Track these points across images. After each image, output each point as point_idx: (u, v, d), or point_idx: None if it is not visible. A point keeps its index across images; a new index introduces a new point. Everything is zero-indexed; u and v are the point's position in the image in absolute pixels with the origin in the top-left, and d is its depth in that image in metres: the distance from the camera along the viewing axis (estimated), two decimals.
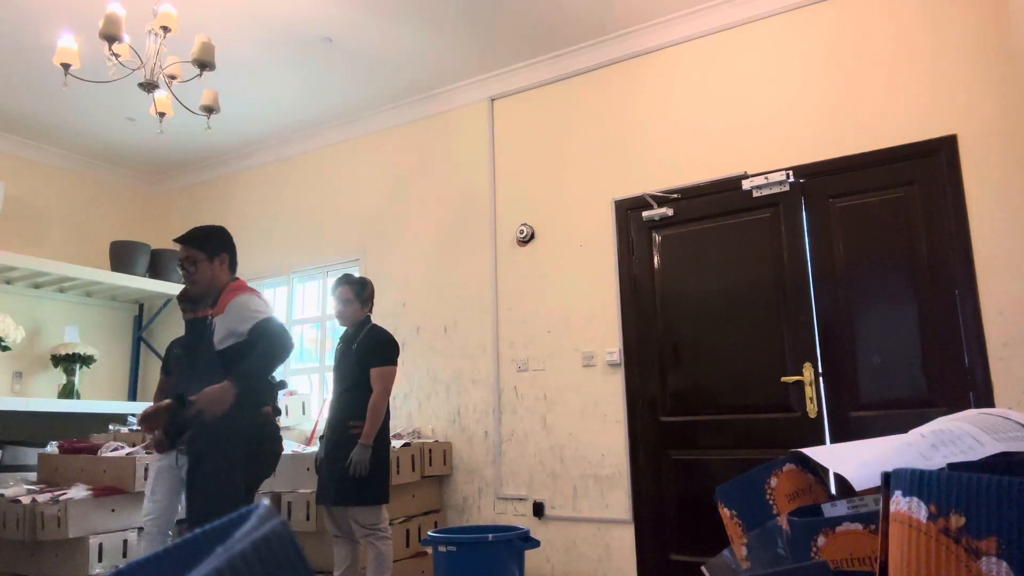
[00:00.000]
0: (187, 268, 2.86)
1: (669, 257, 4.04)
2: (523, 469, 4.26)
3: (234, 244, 2.98)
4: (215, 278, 2.87)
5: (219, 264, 2.88)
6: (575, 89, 4.50)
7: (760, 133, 3.87)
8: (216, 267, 2.87)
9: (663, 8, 4.07)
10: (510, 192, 4.63)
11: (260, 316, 2.72)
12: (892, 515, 0.87)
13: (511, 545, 3.16)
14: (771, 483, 1.40)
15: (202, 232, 2.91)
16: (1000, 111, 3.32)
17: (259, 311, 2.75)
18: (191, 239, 2.87)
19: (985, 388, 3.19)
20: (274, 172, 5.81)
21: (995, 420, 1.12)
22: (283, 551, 0.48)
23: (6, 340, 4.96)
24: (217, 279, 2.88)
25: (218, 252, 2.88)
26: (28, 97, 4.92)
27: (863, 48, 3.67)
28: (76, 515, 3.64)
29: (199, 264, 2.85)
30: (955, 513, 0.78)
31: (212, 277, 2.87)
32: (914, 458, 1.09)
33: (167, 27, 3.27)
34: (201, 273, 2.86)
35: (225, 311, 2.75)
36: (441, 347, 4.69)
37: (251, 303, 2.77)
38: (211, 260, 2.86)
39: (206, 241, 2.87)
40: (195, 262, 2.85)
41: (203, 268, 2.85)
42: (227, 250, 2.92)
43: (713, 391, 3.79)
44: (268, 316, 2.74)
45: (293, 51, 4.41)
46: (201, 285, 2.88)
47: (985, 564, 0.75)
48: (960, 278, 3.30)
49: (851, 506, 1.24)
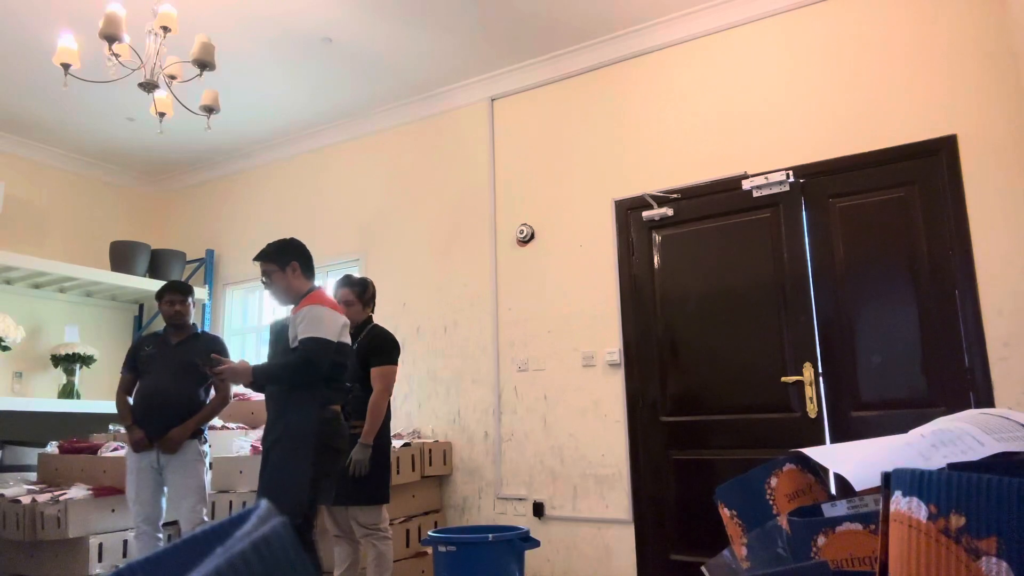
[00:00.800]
0: (265, 282, 3.14)
1: (669, 257, 4.04)
2: (523, 469, 4.26)
3: (304, 251, 3.18)
4: (291, 286, 3.09)
5: (292, 272, 3.09)
6: (575, 89, 4.50)
7: (760, 133, 3.87)
8: (290, 276, 3.09)
9: (663, 8, 4.07)
10: (510, 192, 4.63)
11: (309, 334, 2.89)
12: (892, 515, 0.87)
13: (511, 545, 3.16)
14: (771, 483, 1.40)
15: (271, 246, 3.15)
16: (1000, 111, 3.32)
17: (313, 327, 2.90)
18: (262, 255, 3.13)
19: (985, 388, 3.19)
20: (274, 172, 5.81)
21: (995, 420, 1.12)
22: (283, 551, 0.48)
23: (6, 340, 4.96)
24: (293, 287, 3.10)
25: (288, 262, 3.09)
26: (28, 97, 4.92)
27: (863, 48, 3.67)
28: (76, 515, 3.64)
29: (273, 276, 3.10)
30: (955, 513, 0.78)
31: (288, 286, 3.09)
32: (914, 458, 1.09)
33: (167, 27, 3.27)
34: (277, 284, 3.10)
35: (298, 316, 2.96)
36: (441, 347, 4.69)
37: (312, 316, 2.93)
38: (283, 270, 3.08)
39: (276, 254, 3.11)
40: (269, 275, 3.11)
41: (277, 279, 3.09)
42: (297, 258, 3.12)
43: (713, 391, 3.79)
44: (315, 337, 2.89)
45: (293, 51, 4.41)
46: (280, 295, 3.13)
47: (985, 564, 0.75)
48: (960, 278, 3.30)
49: (851, 506, 1.24)
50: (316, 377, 2.89)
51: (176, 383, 3.58)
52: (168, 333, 3.74)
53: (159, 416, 3.52)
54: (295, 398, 2.89)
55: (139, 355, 3.70)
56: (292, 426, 2.85)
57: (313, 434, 2.84)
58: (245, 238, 5.88)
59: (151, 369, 3.63)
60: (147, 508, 3.49)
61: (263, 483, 2.88)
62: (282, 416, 2.90)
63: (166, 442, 3.50)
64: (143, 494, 3.49)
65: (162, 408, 3.53)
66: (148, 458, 3.52)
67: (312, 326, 2.91)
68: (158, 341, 3.72)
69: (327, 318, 2.96)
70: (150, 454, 3.52)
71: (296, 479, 2.79)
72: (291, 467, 2.81)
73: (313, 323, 2.91)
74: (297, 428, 2.85)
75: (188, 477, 3.54)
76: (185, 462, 3.54)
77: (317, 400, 2.89)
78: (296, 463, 2.81)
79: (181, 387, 3.60)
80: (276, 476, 2.84)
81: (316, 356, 2.87)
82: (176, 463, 3.53)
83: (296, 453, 2.82)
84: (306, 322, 2.92)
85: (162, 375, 3.58)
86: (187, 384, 3.62)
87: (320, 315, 2.95)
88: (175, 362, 3.63)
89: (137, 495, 3.49)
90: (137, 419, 3.53)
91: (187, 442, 3.57)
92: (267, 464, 2.90)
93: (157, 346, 3.69)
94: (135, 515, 3.50)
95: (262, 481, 2.90)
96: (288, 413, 2.88)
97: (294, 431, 2.84)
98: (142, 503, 3.48)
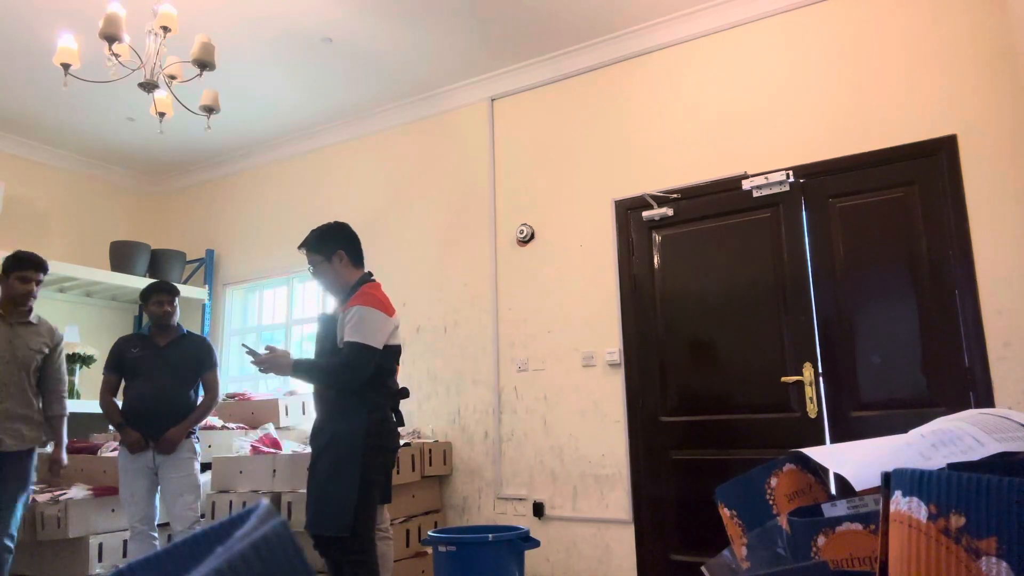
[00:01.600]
0: (312, 273, 2.97)
1: (669, 257, 4.04)
2: (523, 469, 4.26)
3: (351, 236, 2.98)
4: (339, 276, 2.92)
5: (339, 262, 2.92)
6: (575, 89, 4.50)
7: (760, 133, 3.87)
8: (337, 265, 2.92)
9: (663, 8, 4.07)
10: (510, 192, 4.63)
11: (354, 339, 2.73)
12: (892, 515, 0.87)
13: (511, 545, 3.16)
14: (771, 483, 1.40)
15: (315, 234, 2.95)
16: (1000, 111, 3.32)
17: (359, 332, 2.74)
18: (305, 243, 2.95)
19: (985, 388, 3.19)
20: (274, 172, 5.81)
21: (995, 420, 1.12)
22: (283, 551, 0.48)
23: None
24: (341, 276, 2.92)
25: (334, 250, 2.92)
26: (28, 97, 4.92)
27: (863, 48, 3.67)
28: (76, 515, 3.64)
29: (318, 267, 2.92)
30: (955, 513, 0.78)
31: (336, 276, 2.92)
32: (914, 458, 1.09)
33: (167, 27, 3.27)
34: (324, 276, 2.93)
35: (347, 314, 2.79)
36: (441, 347, 4.69)
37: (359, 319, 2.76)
38: (329, 260, 2.91)
39: (320, 243, 2.93)
40: (315, 266, 2.93)
41: (323, 269, 2.92)
42: (343, 245, 2.94)
43: (713, 391, 3.79)
44: (360, 343, 2.72)
45: (293, 51, 4.41)
46: (328, 286, 2.95)
47: (985, 564, 0.75)
48: (960, 278, 3.29)
49: (851, 506, 1.24)
50: (357, 383, 2.76)
51: (172, 385, 3.60)
52: (154, 335, 3.73)
53: (156, 418, 3.54)
54: (343, 403, 2.79)
55: (125, 357, 3.68)
56: (340, 433, 2.75)
57: (362, 440, 2.73)
58: (245, 238, 5.88)
59: (142, 371, 3.62)
60: (142, 508, 3.50)
61: (311, 491, 2.78)
62: (331, 420, 2.81)
63: (164, 443, 3.51)
64: (138, 494, 3.50)
65: (158, 411, 3.55)
66: (143, 458, 3.53)
67: (358, 331, 2.74)
68: (145, 343, 3.70)
69: (375, 322, 2.78)
70: (145, 454, 3.53)
71: (344, 491, 2.68)
72: (339, 477, 2.70)
73: (359, 327, 2.75)
74: (346, 435, 2.74)
75: (183, 474, 3.56)
76: (180, 459, 3.57)
77: (366, 406, 2.78)
78: (345, 472, 2.70)
79: (176, 389, 3.61)
80: (323, 486, 2.73)
81: (358, 363, 2.73)
82: (171, 461, 3.55)
83: (345, 460, 2.71)
84: (352, 324, 2.76)
85: (156, 378, 3.59)
86: (181, 386, 3.64)
87: (369, 318, 2.77)
88: (167, 364, 3.63)
89: (132, 495, 3.50)
90: (131, 421, 3.54)
91: (184, 443, 3.61)
92: (316, 469, 2.80)
93: (145, 348, 3.67)
94: (130, 515, 3.50)
95: (310, 489, 2.79)
96: (336, 419, 2.79)
97: (343, 438, 2.74)
98: (137, 503, 3.49)
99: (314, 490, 2.77)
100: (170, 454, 3.54)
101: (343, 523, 2.65)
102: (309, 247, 2.94)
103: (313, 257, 2.93)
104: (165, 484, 3.55)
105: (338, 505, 2.67)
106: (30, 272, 3.41)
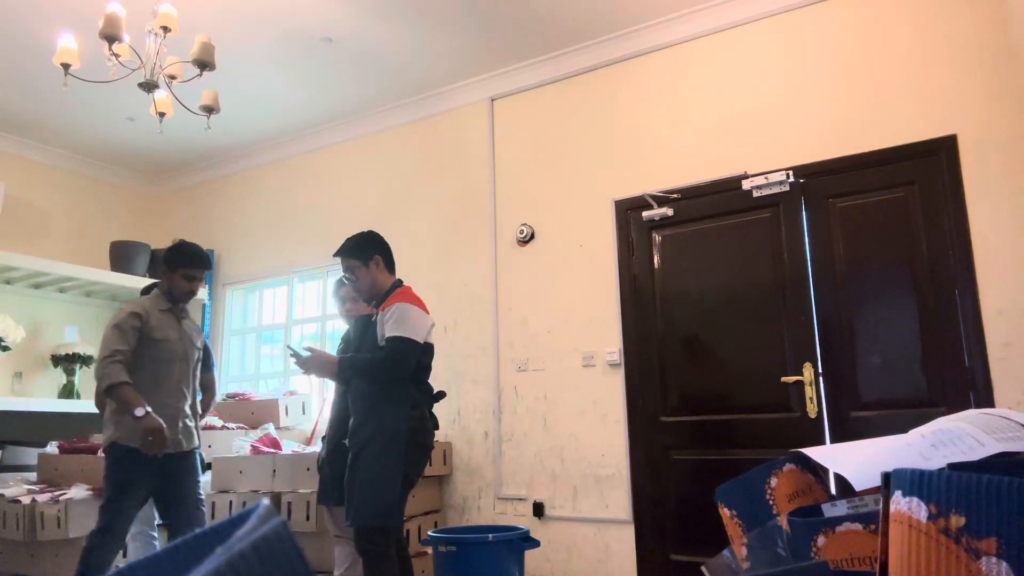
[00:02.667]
0: (349, 278, 3.10)
1: (669, 257, 4.04)
2: (523, 469, 4.26)
3: (385, 244, 3.14)
4: (375, 281, 3.06)
5: (375, 267, 3.06)
6: (575, 89, 4.50)
7: (760, 133, 3.87)
8: (374, 271, 3.06)
9: (663, 8, 4.07)
10: (510, 192, 4.63)
11: (397, 332, 2.85)
12: (892, 515, 0.87)
13: (511, 545, 3.16)
14: (771, 483, 1.40)
15: (353, 241, 3.11)
16: (1000, 111, 3.32)
17: (401, 327, 2.87)
18: (344, 250, 3.08)
19: (985, 388, 3.18)
20: (274, 172, 5.81)
21: (995, 420, 1.12)
22: (283, 551, 0.48)
23: (6, 340, 4.96)
24: (377, 281, 3.07)
25: (371, 256, 3.06)
26: (28, 97, 4.92)
27: (863, 48, 3.67)
28: (76, 515, 3.64)
29: (357, 272, 3.06)
30: (955, 513, 0.78)
31: (373, 281, 3.06)
32: (914, 458, 1.09)
33: (167, 27, 3.27)
34: (361, 280, 3.06)
35: (386, 313, 2.92)
36: (441, 347, 4.68)
37: (401, 315, 2.90)
38: (367, 265, 3.05)
39: (359, 249, 3.07)
40: (353, 270, 3.07)
41: (361, 274, 3.06)
42: (378, 251, 3.09)
43: (713, 391, 3.78)
44: (403, 336, 2.85)
45: (293, 51, 4.41)
46: (365, 290, 3.09)
47: (985, 564, 0.75)
48: (960, 278, 3.29)
49: (851, 506, 1.24)
50: (402, 375, 2.86)
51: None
52: None
53: None
54: (385, 398, 2.87)
55: None
56: (384, 426, 2.83)
57: (406, 435, 2.83)
58: (245, 238, 5.88)
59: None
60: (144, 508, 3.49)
61: (353, 486, 2.84)
62: (373, 416, 2.87)
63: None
64: None
65: None
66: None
67: (400, 325, 2.87)
68: None
69: (416, 318, 2.93)
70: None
71: (389, 483, 2.79)
72: (384, 469, 2.79)
73: (401, 322, 2.88)
74: (390, 428, 2.83)
75: None
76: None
77: (408, 402, 2.88)
78: (389, 464, 2.80)
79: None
80: (369, 478, 2.80)
81: (403, 355, 2.84)
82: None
83: (389, 454, 2.80)
84: (394, 320, 2.88)
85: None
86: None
87: (410, 314, 2.91)
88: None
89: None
90: None
91: None
92: (357, 466, 2.85)
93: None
94: None
95: (351, 484, 2.85)
96: (379, 414, 2.86)
97: (387, 432, 2.83)
98: None
99: (359, 484, 2.82)
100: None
101: (388, 512, 2.78)
102: (347, 253, 3.08)
103: (351, 262, 3.06)
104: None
105: (383, 496, 2.77)
106: (197, 272, 3.28)
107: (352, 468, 2.88)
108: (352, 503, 2.84)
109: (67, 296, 5.72)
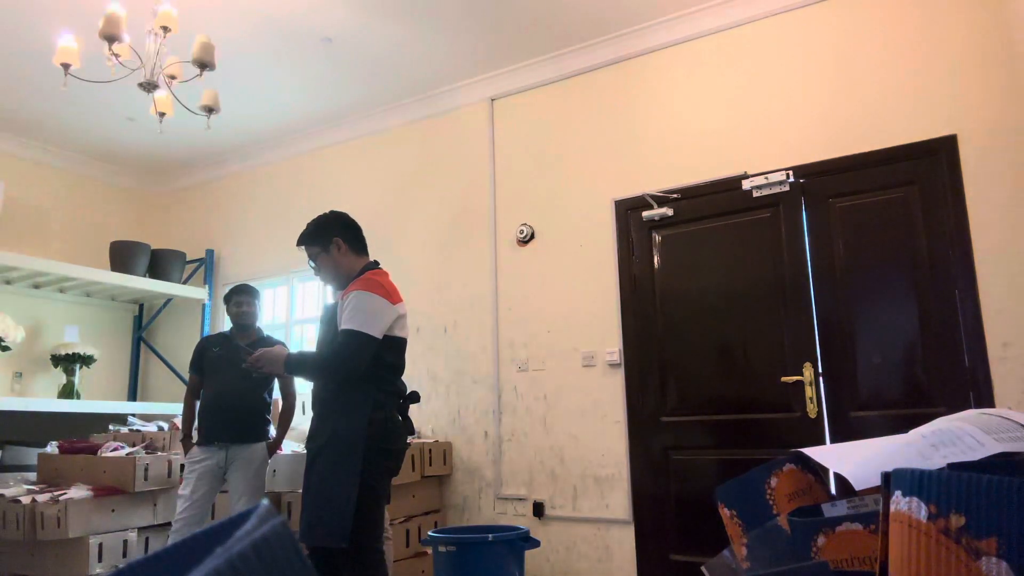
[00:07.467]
0: (313, 267, 2.85)
1: (669, 257, 4.03)
2: (523, 469, 4.26)
3: (347, 223, 2.86)
4: (339, 265, 2.79)
5: (337, 251, 2.78)
6: (575, 89, 4.50)
7: (760, 133, 3.87)
8: (336, 256, 2.78)
9: (663, 8, 4.07)
10: (510, 192, 4.63)
11: (349, 326, 2.56)
12: (892, 515, 0.87)
13: (511, 545, 3.16)
14: (771, 483, 1.40)
15: (310, 227, 2.84)
16: (1000, 111, 3.32)
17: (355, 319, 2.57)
18: (302, 237, 2.84)
19: (985, 388, 3.18)
20: (274, 172, 5.81)
21: (995, 420, 1.12)
22: (283, 551, 0.48)
23: (6, 340, 4.96)
24: (342, 266, 2.79)
25: (330, 239, 2.79)
26: (28, 97, 4.92)
27: (863, 48, 3.67)
28: (76, 515, 3.64)
29: (318, 259, 2.80)
30: (955, 513, 0.78)
31: (336, 265, 2.79)
32: (914, 458, 1.09)
33: (167, 27, 3.27)
34: (324, 267, 2.81)
35: (343, 303, 2.64)
36: (441, 347, 4.69)
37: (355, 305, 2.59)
38: (327, 250, 2.79)
39: (317, 234, 2.81)
40: (314, 258, 2.82)
41: (323, 261, 2.80)
42: (339, 233, 2.80)
43: (713, 391, 3.78)
44: (355, 331, 2.55)
45: (293, 51, 4.41)
46: (331, 278, 2.82)
47: (985, 564, 0.75)
48: (960, 278, 3.29)
49: (851, 506, 1.24)
50: (353, 374, 2.56)
51: (246, 385, 3.65)
52: (235, 335, 3.80)
53: (230, 417, 3.60)
54: (343, 401, 2.60)
55: (205, 356, 3.78)
56: (340, 432, 2.55)
57: (363, 439, 2.53)
58: (245, 238, 5.88)
59: (219, 370, 3.69)
60: (197, 508, 3.50)
61: (307, 494, 2.58)
62: (328, 419, 2.61)
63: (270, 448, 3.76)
64: (197, 492, 3.50)
65: (230, 409, 3.61)
66: (215, 457, 3.56)
67: (354, 318, 2.56)
68: (225, 343, 3.76)
69: (374, 307, 2.60)
70: (218, 453, 3.56)
71: (343, 497, 2.46)
72: (337, 481, 2.49)
73: (355, 313, 2.57)
74: (345, 435, 2.54)
75: (254, 478, 3.63)
76: (252, 462, 3.63)
77: (368, 404, 2.58)
78: (345, 475, 2.49)
79: (251, 390, 3.68)
80: (321, 489, 2.53)
81: (349, 353, 2.54)
82: (244, 464, 3.59)
83: (343, 464, 2.51)
84: (349, 310, 2.58)
85: (232, 377, 3.62)
86: (256, 387, 3.70)
87: (366, 304, 2.59)
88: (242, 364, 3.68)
89: (192, 492, 3.49)
90: (206, 419, 3.61)
91: (257, 445, 3.68)
92: (311, 473, 2.60)
93: (224, 347, 3.74)
94: (181, 511, 3.48)
95: (306, 491, 2.59)
96: (335, 417, 2.59)
97: (342, 438, 2.54)
98: (192, 500, 3.49)
99: (309, 496, 2.56)
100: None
101: (340, 532, 2.42)
102: (304, 240, 2.83)
103: (311, 250, 2.81)
104: (234, 485, 3.59)
105: (335, 511, 2.45)
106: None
107: (306, 476, 2.61)
108: (303, 518, 2.55)
109: (67, 296, 5.72)
